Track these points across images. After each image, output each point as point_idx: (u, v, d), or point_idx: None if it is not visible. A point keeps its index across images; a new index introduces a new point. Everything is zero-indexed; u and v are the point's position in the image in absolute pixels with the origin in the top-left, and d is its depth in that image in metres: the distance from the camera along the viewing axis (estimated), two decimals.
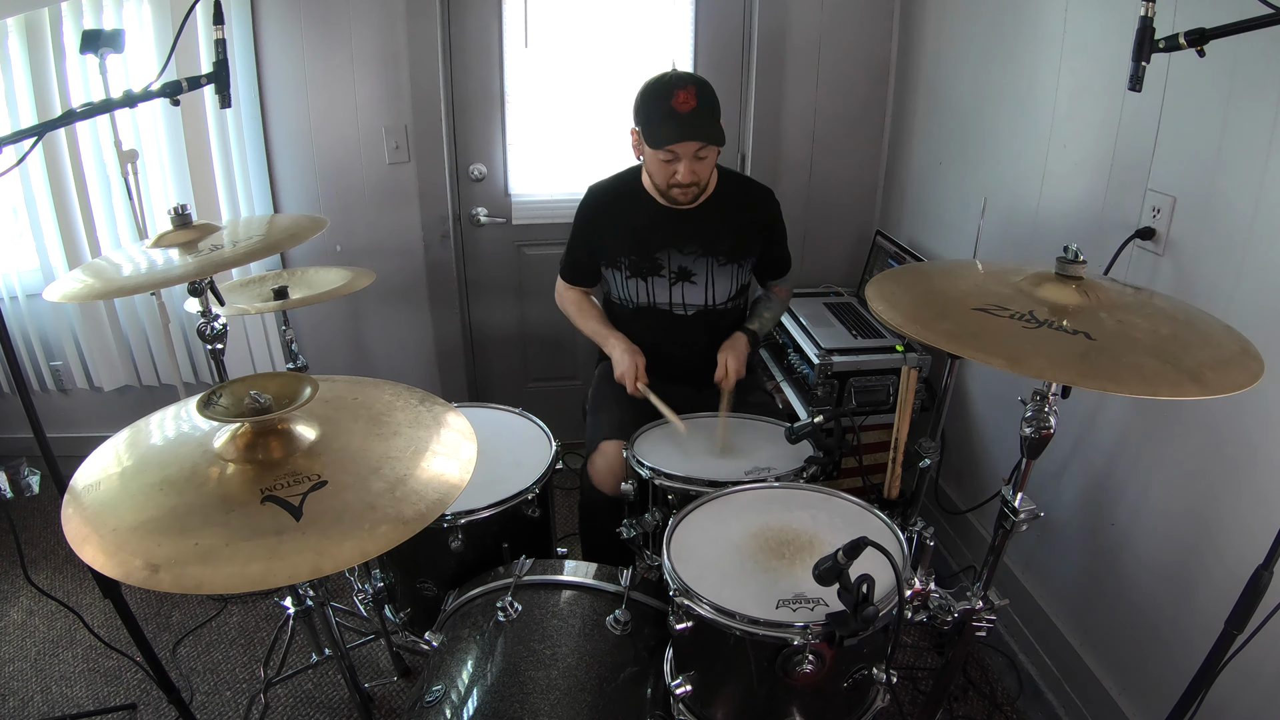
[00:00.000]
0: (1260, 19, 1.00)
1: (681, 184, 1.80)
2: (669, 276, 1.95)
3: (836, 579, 1.08)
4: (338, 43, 2.51)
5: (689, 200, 1.86)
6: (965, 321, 1.08)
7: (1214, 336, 1.08)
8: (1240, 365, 1.00)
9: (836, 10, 2.61)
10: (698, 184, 1.82)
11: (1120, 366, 0.98)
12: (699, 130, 1.72)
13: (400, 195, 2.69)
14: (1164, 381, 0.95)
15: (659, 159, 1.78)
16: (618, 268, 1.97)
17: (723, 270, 1.95)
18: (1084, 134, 1.76)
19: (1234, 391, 0.94)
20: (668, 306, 1.98)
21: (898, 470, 1.57)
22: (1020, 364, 0.98)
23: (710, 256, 1.93)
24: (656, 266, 1.94)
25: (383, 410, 1.23)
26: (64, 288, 1.47)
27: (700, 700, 1.28)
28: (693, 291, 1.96)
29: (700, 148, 1.75)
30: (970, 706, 1.92)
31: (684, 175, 1.78)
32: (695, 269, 1.94)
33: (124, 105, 1.32)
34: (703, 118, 1.72)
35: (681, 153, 1.76)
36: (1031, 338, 1.03)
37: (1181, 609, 1.53)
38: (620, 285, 1.99)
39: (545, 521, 1.74)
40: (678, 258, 1.93)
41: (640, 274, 1.95)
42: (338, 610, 2.10)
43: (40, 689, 2.00)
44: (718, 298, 1.97)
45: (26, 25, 2.39)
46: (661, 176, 1.82)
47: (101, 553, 0.94)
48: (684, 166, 1.77)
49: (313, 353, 2.73)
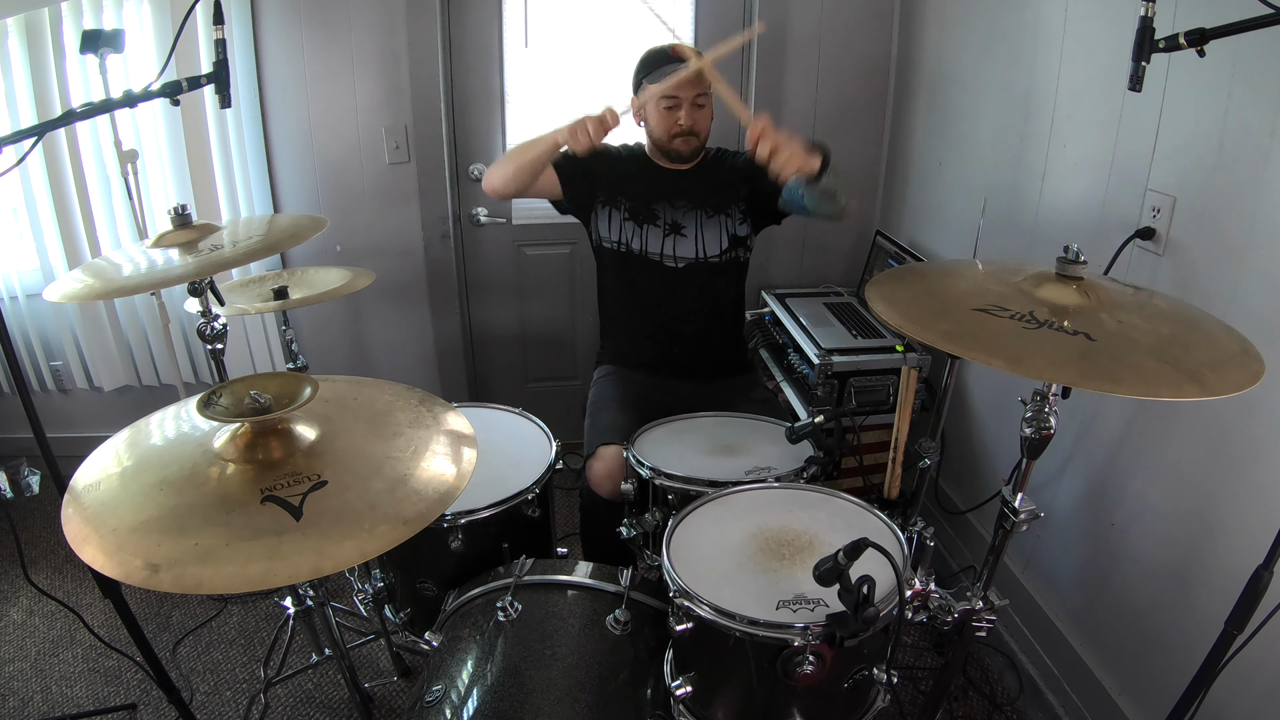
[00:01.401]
0: (1260, 19, 1.00)
1: (684, 130, 1.91)
2: (663, 227, 2.02)
3: (837, 580, 1.08)
4: (338, 43, 2.51)
5: (690, 151, 1.97)
6: (965, 322, 1.08)
7: (1215, 337, 1.08)
8: (1240, 365, 1.00)
9: (836, 9, 2.60)
10: (696, 133, 1.93)
11: (1120, 367, 0.98)
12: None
13: (400, 195, 2.69)
14: (1164, 382, 0.95)
15: (661, 107, 1.90)
16: (616, 206, 2.03)
17: (710, 222, 2.02)
18: (1084, 134, 1.76)
19: (1234, 392, 0.94)
20: (659, 257, 2.03)
21: (898, 470, 1.57)
22: (1020, 364, 0.98)
23: (699, 209, 2.02)
24: (652, 215, 2.02)
25: (383, 410, 1.23)
26: (64, 288, 1.47)
27: (700, 701, 1.27)
28: (683, 244, 2.02)
29: (699, 94, 1.88)
30: (970, 706, 1.92)
31: (685, 119, 1.90)
32: (685, 222, 2.02)
33: (124, 105, 1.32)
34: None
35: (684, 95, 1.87)
36: (1031, 338, 1.03)
37: (1181, 609, 1.53)
38: (615, 227, 2.04)
39: (545, 521, 1.74)
40: (670, 212, 2.03)
41: (636, 219, 2.02)
42: (338, 610, 2.10)
43: (40, 689, 2.00)
44: (708, 250, 2.03)
45: (26, 25, 2.39)
46: (664, 126, 1.93)
47: (101, 553, 0.94)
48: (685, 111, 1.90)
49: (313, 353, 2.73)
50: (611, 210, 2.03)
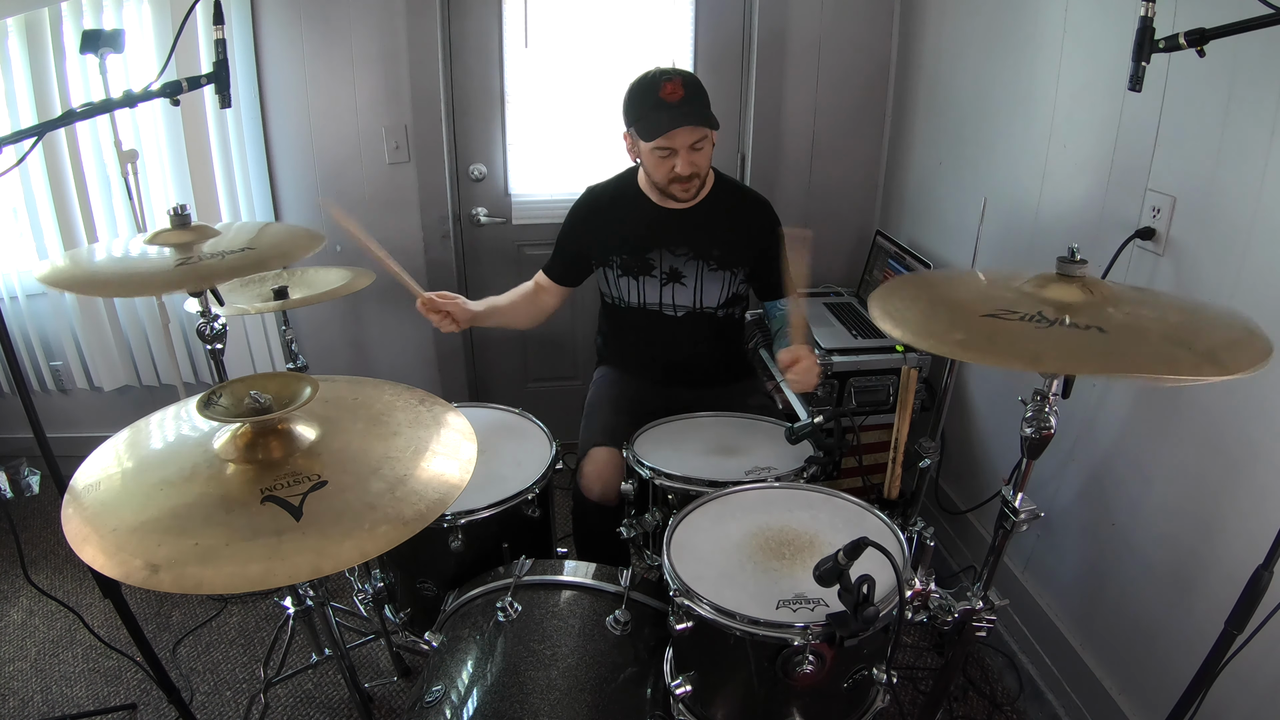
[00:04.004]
0: (1260, 19, 1.00)
1: (681, 177, 1.79)
2: (660, 277, 1.95)
3: (837, 579, 1.08)
4: (338, 42, 2.51)
5: (690, 196, 1.85)
6: (978, 329, 1.07)
7: (1221, 320, 1.08)
8: (1250, 345, 1.00)
9: (836, 10, 2.60)
10: (697, 175, 1.81)
11: (1138, 354, 0.98)
12: (691, 115, 1.72)
13: (400, 195, 2.69)
14: (1183, 364, 0.95)
15: (656, 155, 1.77)
16: (609, 265, 1.98)
17: (713, 275, 1.94)
18: (1084, 134, 1.76)
19: (1252, 369, 0.94)
20: (658, 307, 1.98)
21: (898, 470, 1.57)
22: (1040, 362, 0.98)
23: (701, 260, 1.93)
24: (648, 266, 1.94)
25: (383, 410, 1.23)
26: (43, 269, 1.46)
27: (700, 700, 1.27)
28: (682, 293, 1.96)
29: (696, 139, 1.75)
30: (970, 706, 1.92)
31: (683, 168, 1.77)
32: (685, 271, 1.94)
33: (124, 105, 1.32)
34: (692, 104, 1.73)
35: (677, 145, 1.75)
36: (1046, 336, 1.02)
37: (1182, 609, 1.53)
38: (612, 284, 2.00)
39: (545, 521, 1.74)
40: (669, 258, 1.93)
41: (631, 273, 1.96)
42: (338, 610, 2.10)
43: (40, 689, 2.00)
44: (706, 302, 1.97)
45: (26, 25, 2.39)
46: (660, 174, 1.81)
47: (101, 553, 0.93)
48: (681, 159, 1.76)
49: (313, 353, 2.73)
50: (605, 270, 1.99)
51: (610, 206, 1.97)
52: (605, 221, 1.96)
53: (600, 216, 1.97)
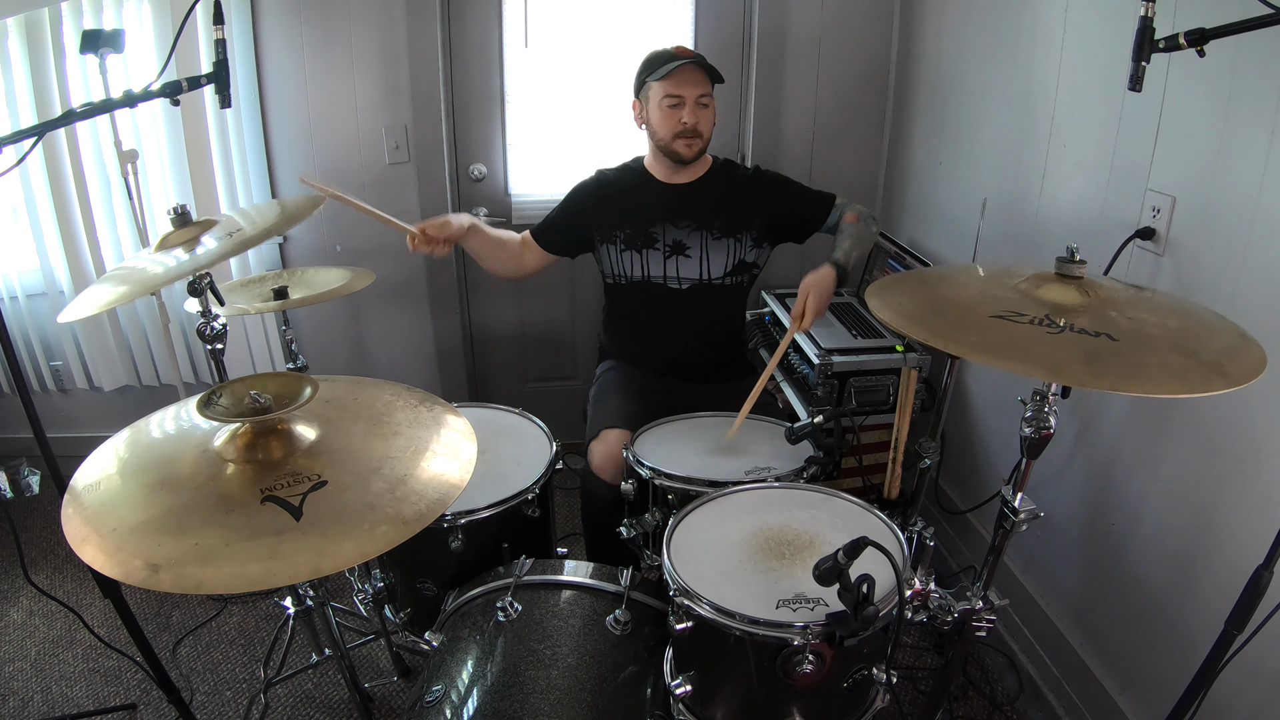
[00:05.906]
0: (1260, 19, 1.00)
1: (687, 130, 1.90)
2: (663, 250, 2.00)
3: (837, 579, 1.08)
4: (338, 42, 2.51)
5: (694, 153, 1.95)
6: (988, 331, 1.06)
7: (1213, 326, 1.09)
8: (1246, 352, 1.00)
9: (836, 9, 2.60)
10: (700, 134, 1.92)
11: (1152, 366, 0.98)
12: (700, 65, 1.89)
13: (400, 195, 2.69)
14: (1195, 377, 0.95)
15: (665, 105, 1.90)
16: (612, 242, 2.02)
17: (717, 244, 2.00)
18: (1084, 134, 1.76)
19: (1251, 380, 0.94)
20: (662, 280, 2.02)
21: (898, 470, 1.57)
22: (1061, 373, 0.98)
23: (704, 230, 1.99)
24: (651, 240, 1.99)
25: (383, 410, 1.23)
26: (98, 298, 1.40)
27: (700, 700, 1.27)
28: (687, 265, 2.01)
29: (702, 93, 1.89)
30: (970, 706, 1.92)
31: (689, 117, 1.89)
32: (690, 243, 2.00)
33: (124, 105, 1.32)
34: (701, 60, 1.90)
35: (686, 94, 1.88)
36: (1059, 344, 1.02)
37: (1182, 609, 1.53)
38: (614, 260, 2.03)
39: (545, 521, 1.74)
40: (672, 231, 2.00)
41: (634, 246, 2.00)
42: (338, 610, 2.10)
43: (40, 689, 2.00)
44: (713, 272, 2.01)
45: (26, 25, 2.39)
46: (668, 126, 1.91)
47: (101, 553, 0.94)
48: (689, 109, 1.89)
49: (313, 353, 2.73)
50: (608, 246, 2.03)
51: (616, 185, 2.06)
52: (612, 200, 2.04)
53: (607, 198, 2.05)
